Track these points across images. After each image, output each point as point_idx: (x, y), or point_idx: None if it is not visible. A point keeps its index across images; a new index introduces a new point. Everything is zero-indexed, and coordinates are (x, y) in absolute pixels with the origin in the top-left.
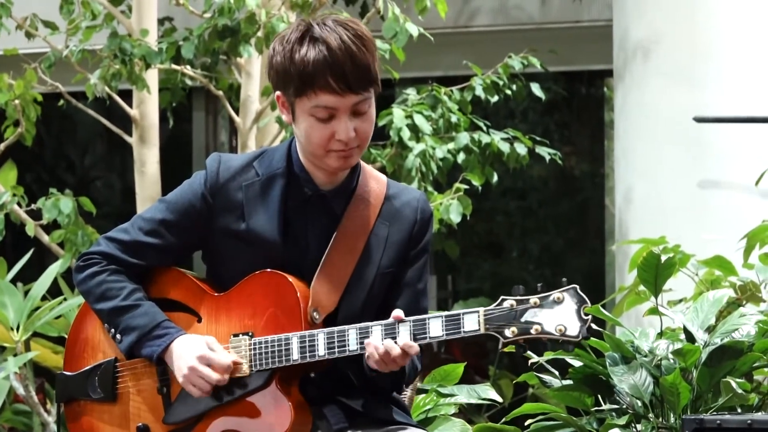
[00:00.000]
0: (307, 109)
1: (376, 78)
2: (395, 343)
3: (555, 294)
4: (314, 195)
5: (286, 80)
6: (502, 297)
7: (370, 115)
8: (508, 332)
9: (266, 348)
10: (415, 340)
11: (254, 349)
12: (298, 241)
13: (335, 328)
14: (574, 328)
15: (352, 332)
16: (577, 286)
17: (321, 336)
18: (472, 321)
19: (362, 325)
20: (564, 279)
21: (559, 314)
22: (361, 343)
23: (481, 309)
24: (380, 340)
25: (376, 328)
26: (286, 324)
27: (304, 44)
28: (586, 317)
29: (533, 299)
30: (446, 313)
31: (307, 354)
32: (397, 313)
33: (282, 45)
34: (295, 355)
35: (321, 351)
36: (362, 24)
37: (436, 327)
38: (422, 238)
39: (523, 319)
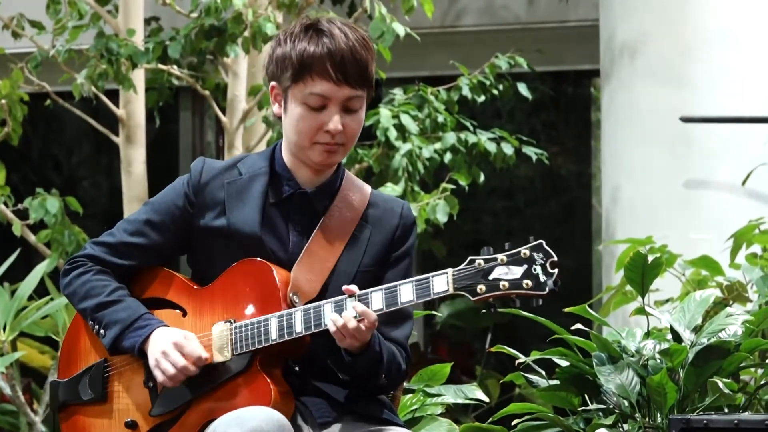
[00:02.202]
0: (300, 97)
1: (372, 80)
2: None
3: (522, 250)
4: (296, 192)
5: (284, 67)
6: (469, 257)
7: (359, 115)
8: (477, 290)
9: (246, 331)
10: (387, 306)
11: (234, 333)
12: (278, 236)
13: (311, 305)
14: (541, 283)
15: (327, 306)
16: (543, 242)
17: (298, 314)
18: (442, 282)
19: (337, 298)
20: (531, 237)
21: (526, 270)
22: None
23: (450, 269)
24: (335, 313)
25: (349, 301)
26: (267, 308)
27: (308, 34)
28: (552, 271)
29: (500, 257)
30: (416, 277)
31: (285, 332)
32: (349, 287)
33: (285, 36)
34: (274, 335)
35: (298, 328)
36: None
37: (407, 292)
38: (404, 242)
39: (491, 277)
